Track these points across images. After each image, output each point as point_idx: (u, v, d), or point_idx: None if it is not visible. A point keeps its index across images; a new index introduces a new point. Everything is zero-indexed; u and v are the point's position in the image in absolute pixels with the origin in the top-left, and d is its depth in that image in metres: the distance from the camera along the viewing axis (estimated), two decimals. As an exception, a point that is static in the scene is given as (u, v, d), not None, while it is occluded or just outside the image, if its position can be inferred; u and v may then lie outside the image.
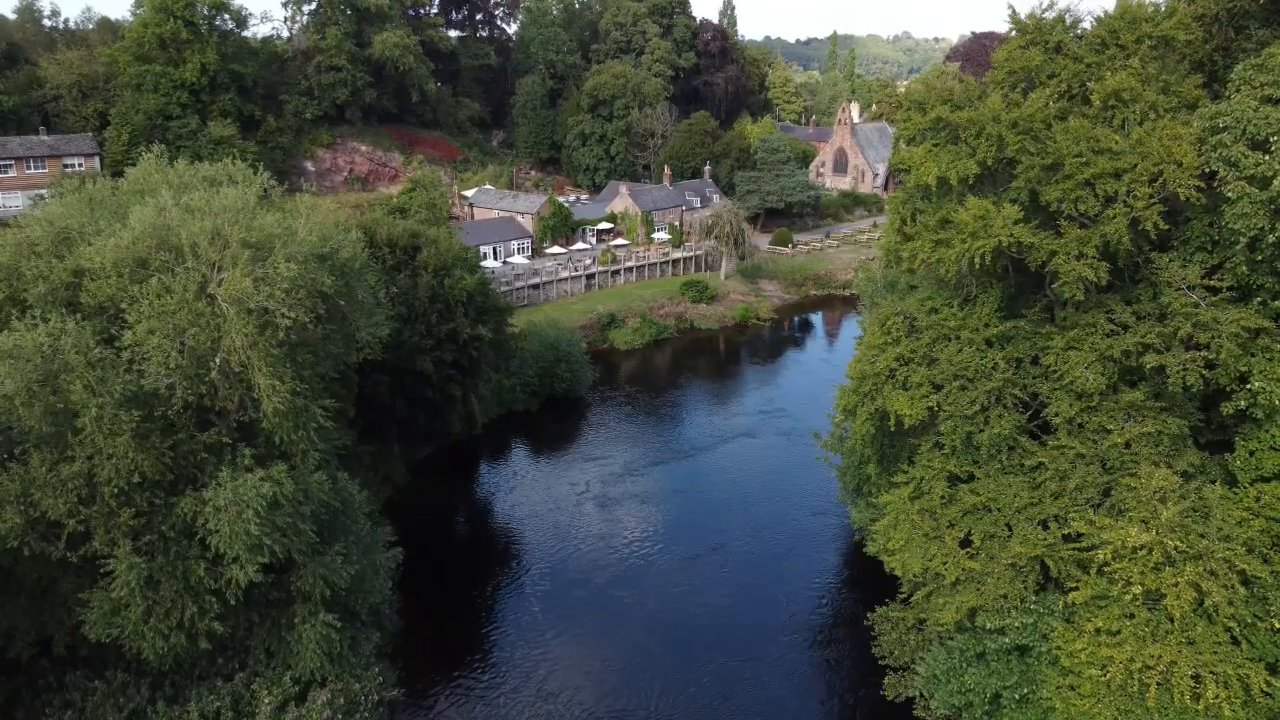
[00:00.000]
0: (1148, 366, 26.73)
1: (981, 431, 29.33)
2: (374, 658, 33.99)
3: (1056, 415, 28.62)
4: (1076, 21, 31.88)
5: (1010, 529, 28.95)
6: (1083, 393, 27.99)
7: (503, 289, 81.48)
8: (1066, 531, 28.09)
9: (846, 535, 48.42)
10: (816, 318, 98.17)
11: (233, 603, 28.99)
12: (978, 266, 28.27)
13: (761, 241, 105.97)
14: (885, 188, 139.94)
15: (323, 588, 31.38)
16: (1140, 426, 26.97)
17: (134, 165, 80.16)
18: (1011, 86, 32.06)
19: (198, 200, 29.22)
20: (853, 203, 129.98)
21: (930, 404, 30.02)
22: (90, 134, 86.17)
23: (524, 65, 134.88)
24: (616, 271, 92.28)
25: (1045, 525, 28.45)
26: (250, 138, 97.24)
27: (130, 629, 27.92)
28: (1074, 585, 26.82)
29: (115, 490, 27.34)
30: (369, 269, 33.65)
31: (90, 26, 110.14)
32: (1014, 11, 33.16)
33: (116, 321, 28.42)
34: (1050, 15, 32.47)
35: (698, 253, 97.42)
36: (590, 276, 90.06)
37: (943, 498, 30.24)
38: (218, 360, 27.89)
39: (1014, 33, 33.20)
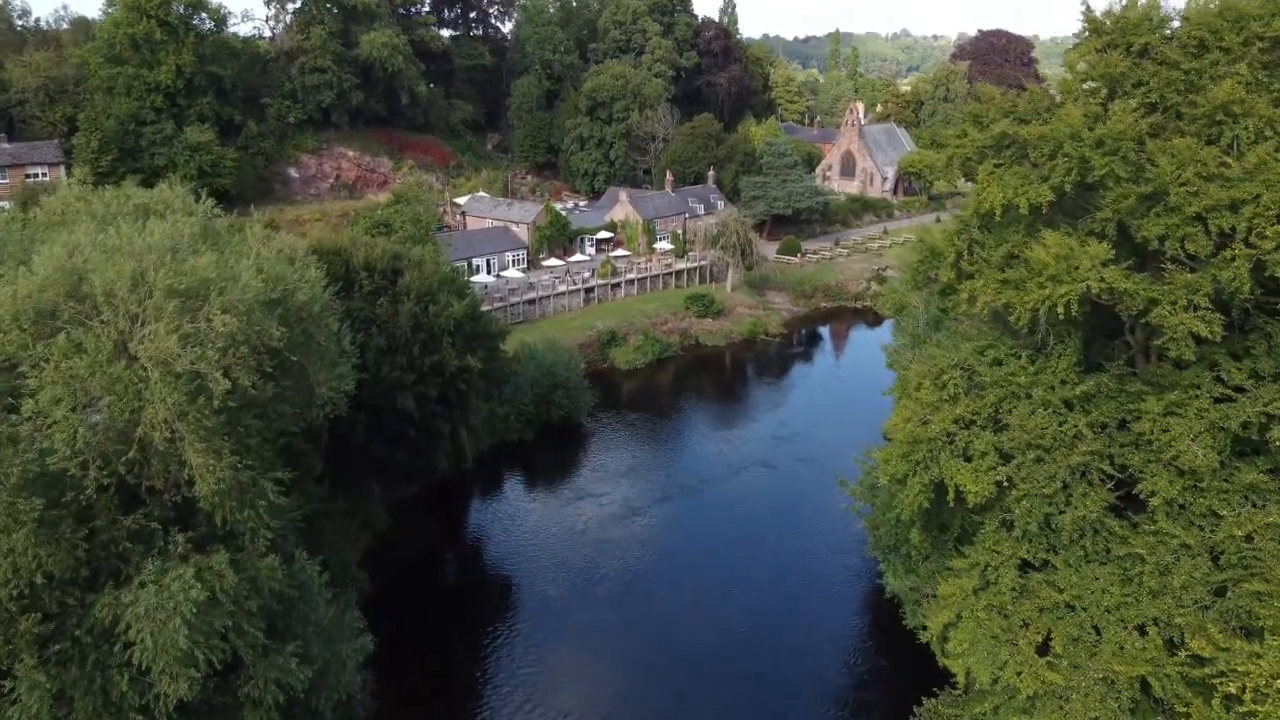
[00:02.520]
0: (1275, 443, 21.83)
1: (1062, 513, 24.42)
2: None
3: (1153, 494, 23.70)
4: (1165, 20, 26.94)
5: (1099, 632, 24.03)
6: (1188, 470, 23.10)
7: (496, 305, 76.60)
8: (1171, 636, 23.16)
9: (872, 583, 43.59)
10: (828, 331, 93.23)
11: (163, 721, 24.06)
12: (1061, 316, 23.32)
13: (768, 250, 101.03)
14: (895, 191, 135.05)
15: (275, 692, 26.44)
16: (1265, 515, 22.05)
17: (104, 174, 74.64)
18: (1089, 96, 27.09)
19: (118, 237, 24.24)
20: (862, 208, 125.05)
21: (999, 478, 25.11)
22: (57, 141, 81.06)
23: (519, 65, 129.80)
24: (617, 284, 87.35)
25: (1143, 630, 23.50)
26: (230, 143, 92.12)
27: (34, 762, 22.98)
28: (1184, 710, 21.90)
29: (14, 593, 22.43)
30: (331, 311, 28.65)
31: (64, 27, 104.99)
32: (1088, 8, 28.18)
33: (16, 387, 23.49)
34: (1132, 12, 27.53)
35: (702, 263, 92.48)
36: (589, 290, 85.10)
37: (1013, 589, 25.30)
38: (138, 434, 22.93)
39: (1087, 33, 28.23)
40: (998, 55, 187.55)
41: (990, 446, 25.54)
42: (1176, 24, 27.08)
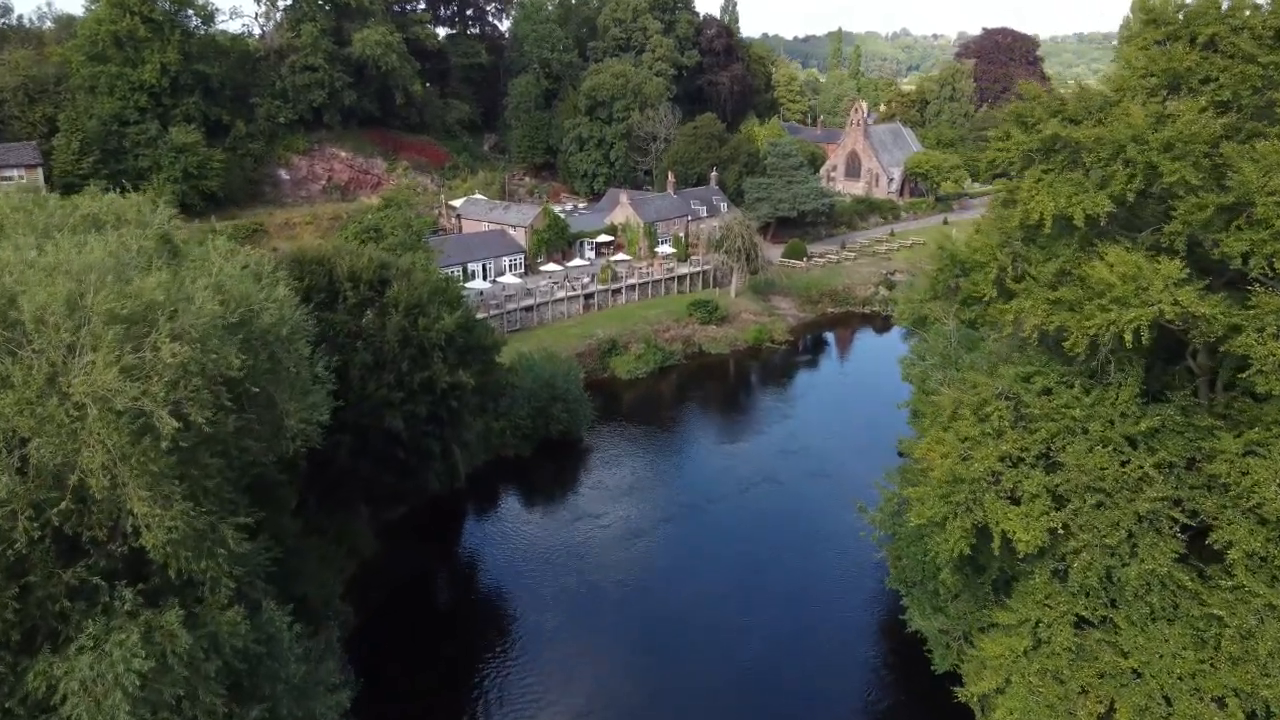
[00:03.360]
0: (1381, 492, 18.96)
1: (1126, 565, 21.54)
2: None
3: (1230, 545, 20.83)
4: (1235, 9, 24.05)
5: (1170, 703, 21.13)
6: (1273, 519, 20.23)
7: (493, 312, 73.72)
8: (1255, 709, 20.28)
9: (891, 612, 40.72)
10: (836, 338, 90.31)
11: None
12: (1129, 345, 20.44)
13: (772, 253, 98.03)
14: (901, 193, 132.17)
15: (239, 763, 23.61)
16: (1368, 575, 19.19)
17: (84, 176, 71.62)
18: (1150, 94, 24.19)
19: (55, 254, 21.33)
20: (867, 209, 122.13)
21: (1053, 524, 22.23)
22: (35, 142, 78.04)
23: (517, 64, 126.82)
24: (617, 290, 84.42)
25: (1222, 703, 20.62)
26: (217, 144, 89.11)
27: None
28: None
29: (-67, 662, 19.62)
30: (302, 334, 25.73)
31: (47, 25, 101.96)
32: (1146, -5, 25.31)
33: (-65, 426, 20.59)
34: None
35: (705, 268, 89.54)
36: (589, 296, 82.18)
37: (1070, 650, 22.41)
38: (73, 481, 20.05)
39: (1145, 24, 25.34)
40: (1003, 54, 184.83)
41: (1042, 488, 22.66)
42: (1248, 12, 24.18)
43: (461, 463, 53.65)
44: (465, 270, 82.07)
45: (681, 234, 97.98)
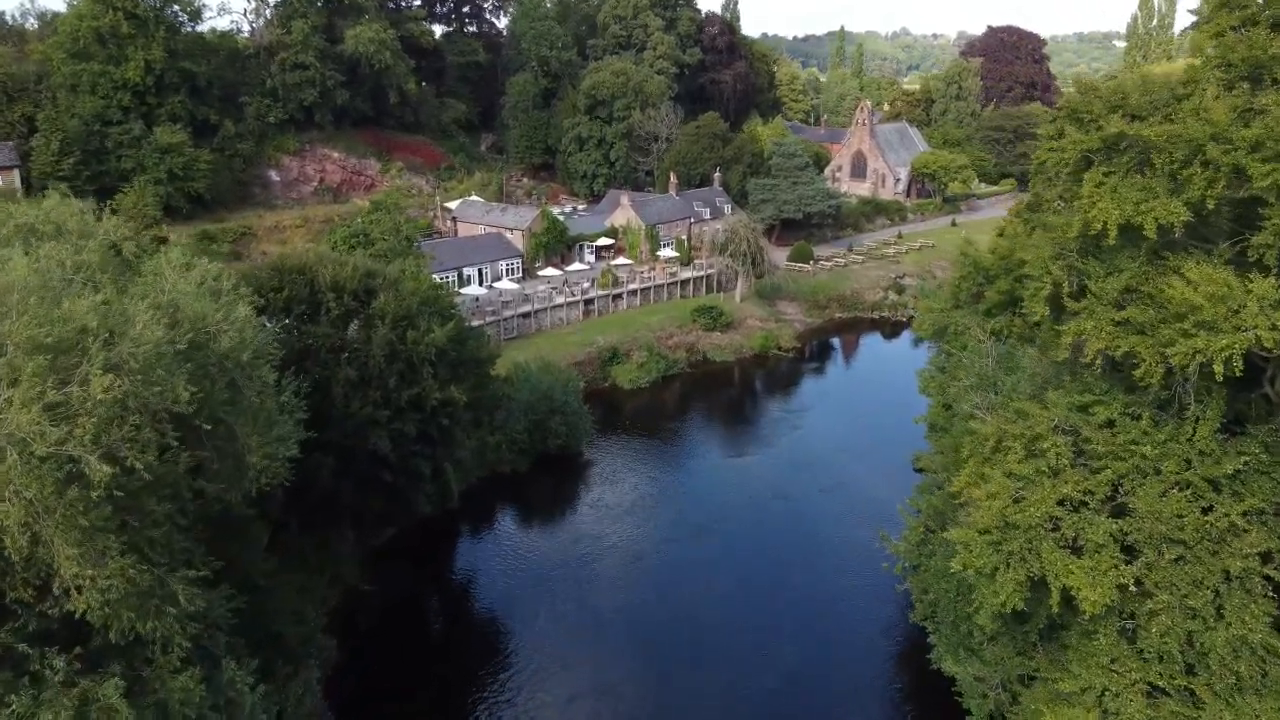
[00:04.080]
0: None
1: (1211, 628, 18.66)
2: None
3: (1333, 607, 17.97)
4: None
5: (1265, 792, 18.25)
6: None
7: (489, 319, 70.85)
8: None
9: (912, 643, 37.85)
10: (845, 345, 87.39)
11: None
12: (1219, 377, 17.56)
13: (777, 257, 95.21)
14: (908, 194, 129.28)
15: None
16: None
17: (64, 177, 68.58)
18: (1226, 86, 21.30)
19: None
20: (874, 211, 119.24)
21: (1123, 580, 19.36)
22: (13, 143, 75.16)
23: (515, 63, 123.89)
24: (618, 295, 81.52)
25: (1330, 794, 17.73)
26: (205, 145, 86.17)
27: None
28: None
29: None
30: (267, 358, 22.83)
31: (30, 22, 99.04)
32: (1218, -25, 22.40)
33: None
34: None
35: (709, 272, 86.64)
36: (588, 302, 79.27)
37: (1142, 725, 19.52)
38: (-12, 538, 17.17)
39: (1218, 7, 22.45)
40: (1008, 52, 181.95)
41: (1108, 537, 19.78)
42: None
43: (454, 481, 50.85)
44: (460, 275, 79.26)
45: (684, 237, 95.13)
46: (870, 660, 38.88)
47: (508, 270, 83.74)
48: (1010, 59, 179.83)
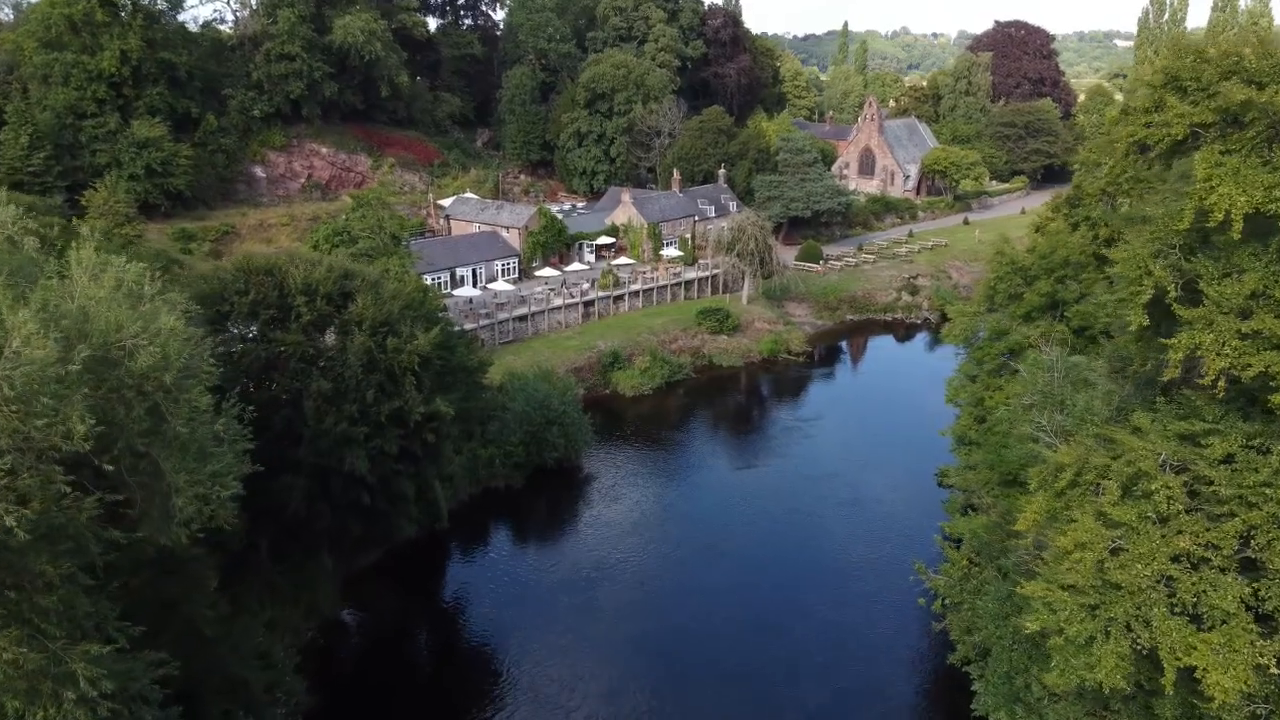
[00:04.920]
0: None
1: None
2: None
3: None
4: None
5: None
6: None
7: (483, 322, 66.92)
8: None
9: (949, 679, 33.85)
10: (857, 348, 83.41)
11: None
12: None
13: (785, 256, 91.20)
14: (918, 191, 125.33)
15: None
16: None
17: (35, 173, 64.35)
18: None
19: None
20: (883, 209, 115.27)
21: (1261, 659, 15.40)
22: (-21, 137, 71.25)
23: (512, 56, 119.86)
24: (619, 297, 77.54)
25: None
26: (185, 139, 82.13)
27: None
28: None
29: None
30: (200, 378, 18.84)
31: (5, 12, 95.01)
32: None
33: None
34: None
35: (715, 272, 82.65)
36: (588, 304, 75.30)
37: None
38: None
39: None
40: (1016, 47, 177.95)
41: (1239, 604, 15.81)
42: None
43: (443, 500, 46.94)
44: (453, 276, 75.35)
45: (688, 235, 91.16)
46: (897, 701, 34.97)
47: (503, 271, 79.78)
48: (1018, 54, 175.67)
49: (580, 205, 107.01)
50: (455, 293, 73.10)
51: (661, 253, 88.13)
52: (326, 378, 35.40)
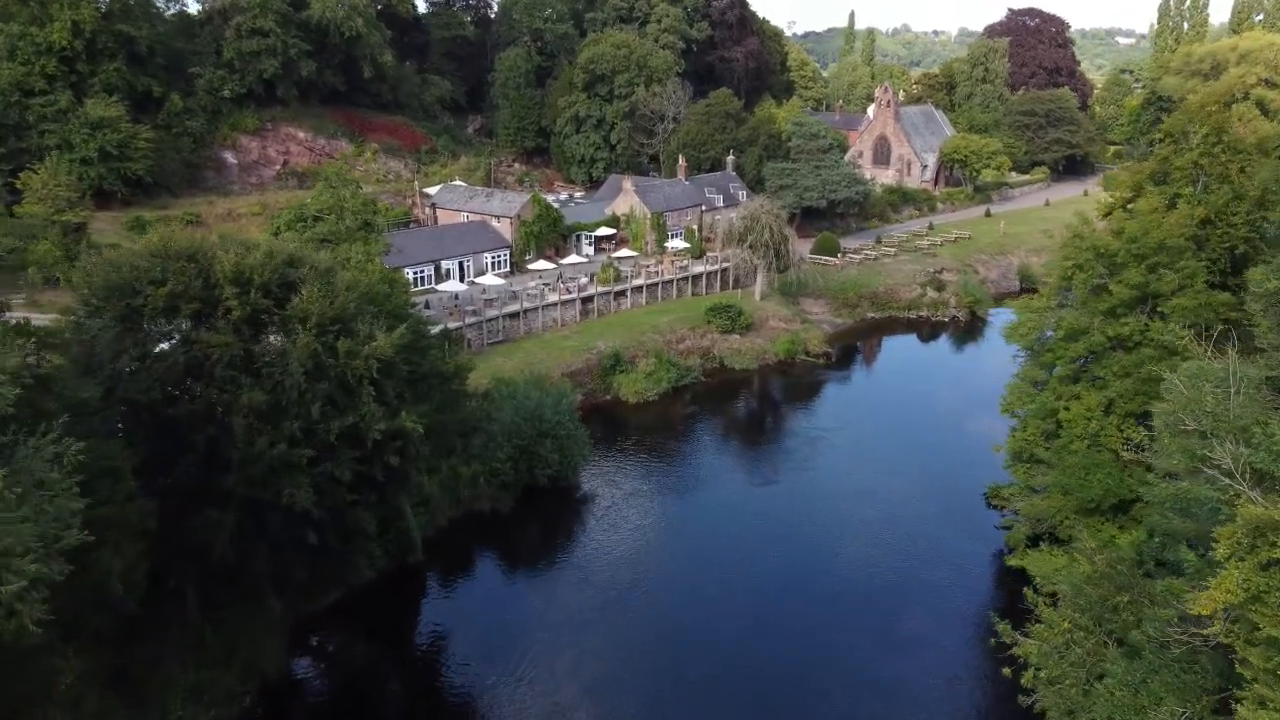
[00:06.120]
0: None
1: None
2: None
3: None
4: None
5: None
6: None
7: (469, 320, 60.17)
8: None
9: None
10: (880, 349, 76.53)
11: None
12: None
13: (800, 249, 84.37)
14: (935, 182, 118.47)
15: None
16: None
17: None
18: None
19: None
20: (900, 200, 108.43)
21: None
22: (-85, 116, 64.55)
23: (506, 37, 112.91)
24: (621, 292, 70.73)
25: None
26: (147, 120, 75.19)
27: None
28: None
29: None
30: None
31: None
32: None
33: None
34: None
35: (725, 266, 75.78)
36: (587, 300, 68.46)
37: None
38: None
39: None
40: (1030, 36, 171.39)
41: None
42: None
43: (416, 529, 40.17)
44: (438, 269, 68.53)
45: (695, 226, 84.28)
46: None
47: (493, 263, 72.94)
48: (1033, 43, 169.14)
49: (578, 195, 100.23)
50: (439, 287, 66.31)
51: (666, 245, 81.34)
52: (262, 388, 28.56)
